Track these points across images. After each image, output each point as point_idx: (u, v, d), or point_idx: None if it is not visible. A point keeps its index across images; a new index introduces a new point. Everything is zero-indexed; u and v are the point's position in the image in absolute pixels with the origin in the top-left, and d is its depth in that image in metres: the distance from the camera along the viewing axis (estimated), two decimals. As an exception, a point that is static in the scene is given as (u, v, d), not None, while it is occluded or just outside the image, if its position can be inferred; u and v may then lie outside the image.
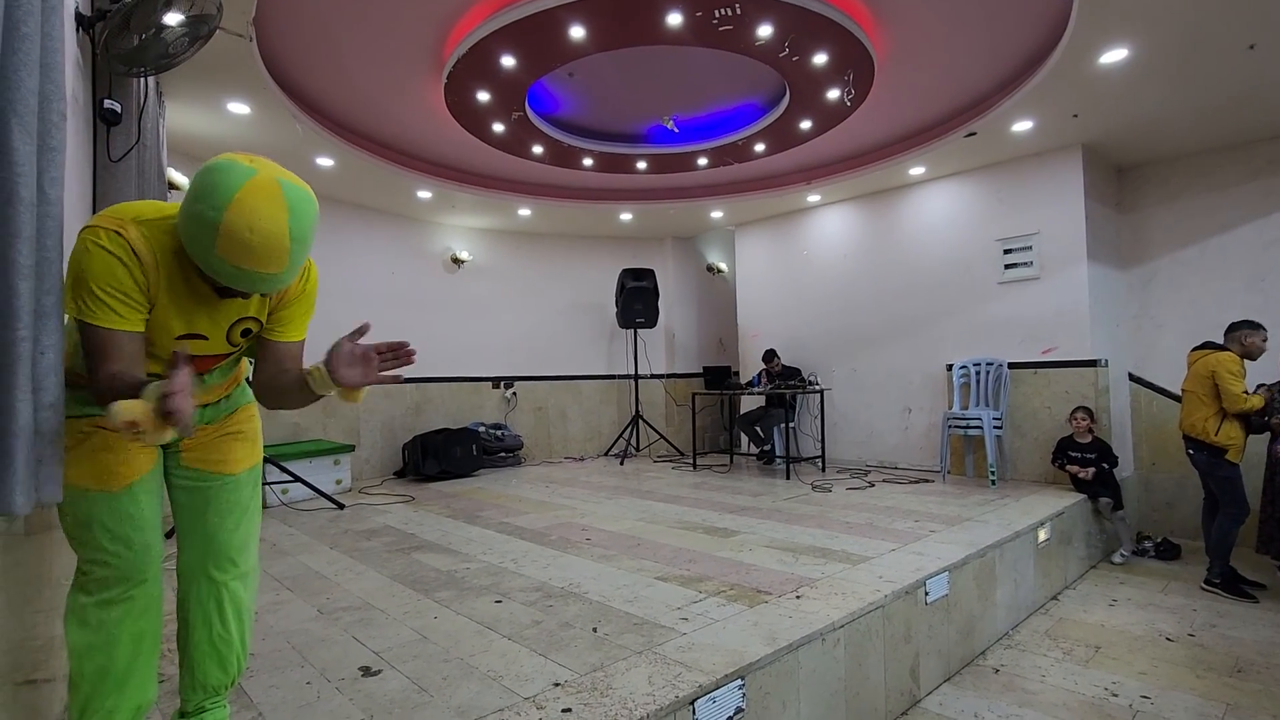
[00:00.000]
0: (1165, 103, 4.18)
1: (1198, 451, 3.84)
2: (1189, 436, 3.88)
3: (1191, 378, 3.89)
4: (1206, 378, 3.76)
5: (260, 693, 1.81)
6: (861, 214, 6.27)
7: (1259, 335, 3.79)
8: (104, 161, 2.33)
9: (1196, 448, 3.84)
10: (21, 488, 1.00)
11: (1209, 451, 3.77)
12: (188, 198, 1.17)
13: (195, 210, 1.15)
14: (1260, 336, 3.79)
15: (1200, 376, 3.81)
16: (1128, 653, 2.98)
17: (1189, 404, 3.89)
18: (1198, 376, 3.83)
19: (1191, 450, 3.89)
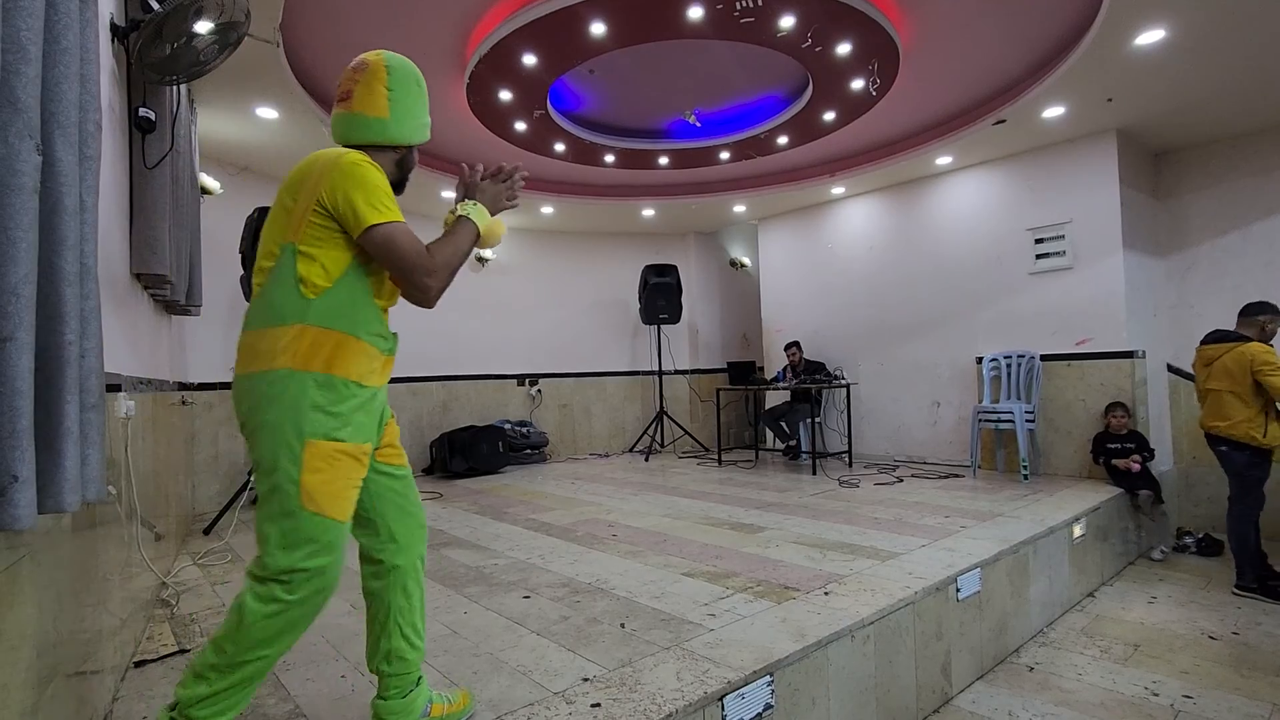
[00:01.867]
0: (1204, 84, 4.04)
1: (1235, 450, 3.56)
2: (1224, 437, 3.60)
3: (1222, 375, 3.57)
4: (1243, 373, 3.48)
5: (297, 685, 1.85)
6: (887, 206, 6.17)
7: (1277, 319, 3.59)
8: (139, 168, 2.39)
9: (1235, 447, 3.57)
10: (69, 486, 1.03)
11: (1252, 452, 3.52)
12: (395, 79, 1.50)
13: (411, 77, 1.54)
14: (1278, 319, 3.59)
15: (1234, 373, 3.51)
16: (1168, 651, 2.90)
17: (1223, 404, 3.57)
18: (1231, 373, 3.53)
19: (1225, 448, 3.61)
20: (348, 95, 1.51)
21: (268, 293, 1.36)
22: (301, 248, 1.36)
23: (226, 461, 4.80)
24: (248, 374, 1.34)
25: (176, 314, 3.53)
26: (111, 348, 1.79)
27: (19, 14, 0.90)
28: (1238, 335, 3.61)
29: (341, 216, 1.36)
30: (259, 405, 1.32)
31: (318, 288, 1.36)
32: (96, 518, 1.69)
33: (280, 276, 1.36)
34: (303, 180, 1.39)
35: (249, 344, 1.36)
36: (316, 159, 1.41)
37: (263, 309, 1.36)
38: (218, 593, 2.73)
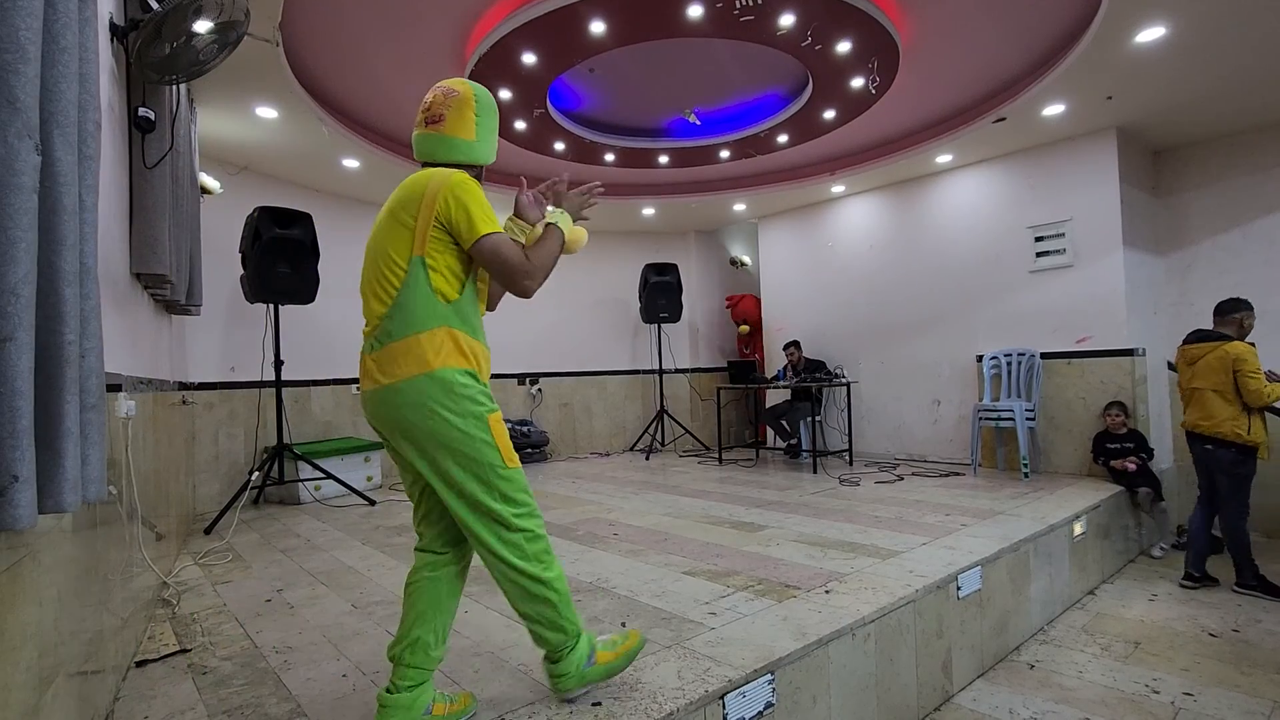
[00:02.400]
0: (1205, 81, 4.03)
1: (1221, 449, 3.58)
2: (1210, 435, 3.61)
3: (1206, 373, 3.59)
4: (1226, 372, 3.51)
5: (298, 685, 1.85)
6: (887, 204, 6.17)
7: (1254, 314, 3.63)
8: (139, 168, 2.39)
9: (1219, 445, 3.58)
10: (70, 486, 1.03)
11: (1237, 450, 3.54)
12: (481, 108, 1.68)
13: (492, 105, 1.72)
14: (1254, 315, 3.62)
15: (1218, 371, 3.54)
16: (1169, 648, 2.91)
17: (1207, 403, 3.59)
18: (1215, 372, 3.55)
19: (1210, 446, 3.62)
20: (440, 119, 1.66)
21: (405, 304, 1.52)
22: (429, 260, 1.53)
23: (227, 461, 4.81)
24: (408, 379, 1.49)
25: (177, 314, 3.53)
26: (112, 347, 1.79)
27: (18, 13, 0.90)
28: (1220, 334, 3.64)
29: (455, 229, 1.54)
30: (424, 407, 1.49)
31: (449, 295, 1.56)
32: (97, 518, 1.69)
33: (415, 288, 1.52)
34: (418, 199, 1.54)
35: (398, 352, 1.51)
36: (427, 179, 1.56)
37: (402, 320, 1.52)
38: (219, 592, 2.73)
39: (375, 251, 1.58)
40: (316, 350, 5.45)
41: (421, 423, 1.49)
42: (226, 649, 2.13)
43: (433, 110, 1.66)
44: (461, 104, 1.66)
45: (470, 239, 1.53)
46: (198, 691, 1.84)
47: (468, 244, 1.54)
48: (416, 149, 1.71)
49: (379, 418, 1.55)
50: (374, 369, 1.53)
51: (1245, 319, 3.61)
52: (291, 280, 4.30)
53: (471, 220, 1.52)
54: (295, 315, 5.01)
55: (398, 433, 1.53)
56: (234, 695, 1.80)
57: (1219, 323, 3.68)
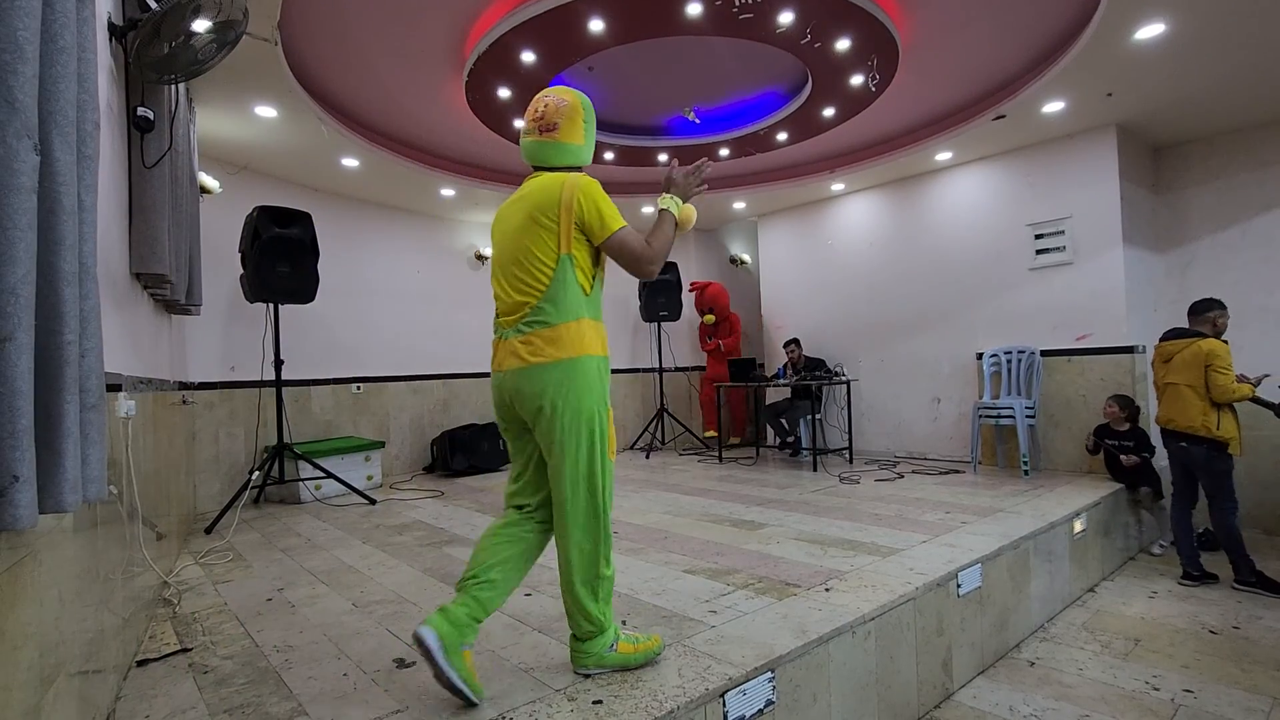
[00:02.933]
0: (1205, 78, 4.03)
1: (1194, 446, 3.63)
2: (1183, 432, 3.66)
3: (1180, 369, 3.64)
4: (1200, 368, 3.55)
5: (299, 684, 1.85)
6: (887, 202, 6.17)
7: (1227, 313, 3.68)
8: (138, 168, 2.39)
9: (1193, 442, 3.63)
10: (70, 486, 1.03)
11: (1209, 446, 3.58)
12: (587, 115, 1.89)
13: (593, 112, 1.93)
14: (1227, 314, 3.68)
15: (1192, 367, 3.59)
16: (1169, 645, 2.91)
17: (1180, 398, 3.64)
18: (1189, 368, 3.60)
19: (1185, 444, 3.67)
20: (554, 127, 1.85)
21: (554, 297, 1.73)
22: (575, 257, 1.75)
23: (227, 461, 4.81)
24: (554, 361, 1.70)
25: (176, 313, 3.53)
26: (111, 347, 1.79)
27: (16, 13, 0.90)
28: (1195, 332, 3.69)
29: (589, 227, 1.75)
30: (567, 385, 1.70)
31: (587, 289, 1.78)
32: (98, 517, 1.69)
33: (563, 282, 1.73)
34: (556, 203, 1.74)
35: (546, 338, 1.71)
36: (559, 184, 1.76)
37: (551, 310, 1.72)
38: (220, 591, 2.73)
39: (516, 251, 1.78)
40: (316, 349, 5.45)
41: (557, 401, 1.69)
42: (227, 648, 2.13)
43: (547, 119, 1.85)
44: (572, 112, 1.87)
45: (602, 235, 1.75)
46: (199, 691, 1.84)
47: (599, 240, 1.76)
48: (529, 154, 1.89)
49: (519, 393, 1.74)
50: (521, 350, 1.73)
51: (1219, 318, 3.66)
52: (291, 279, 4.30)
53: (603, 219, 1.75)
54: (295, 314, 5.01)
55: (531, 409, 1.73)
56: (235, 694, 1.80)
57: (1194, 321, 3.73)
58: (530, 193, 1.80)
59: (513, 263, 1.78)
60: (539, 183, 1.81)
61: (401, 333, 6.10)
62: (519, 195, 1.85)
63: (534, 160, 1.89)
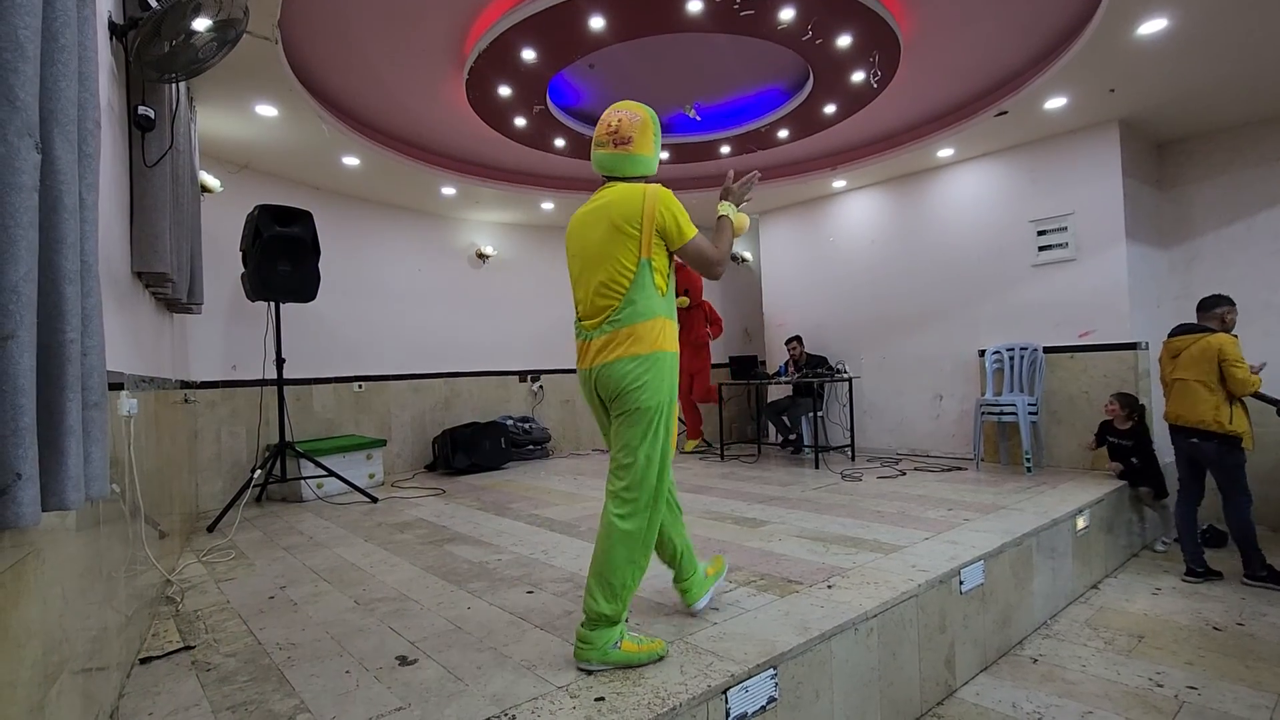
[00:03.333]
0: (1208, 73, 4.01)
1: (1205, 441, 3.61)
2: (1194, 428, 3.63)
3: (1189, 365, 3.63)
4: (1210, 363, 3.54)
5: (301, 681, 1.85)
6: (889, 198, 6.15)
7: (1235, 309, 3.67)
8: (139, 167, 2.39)
9: (1203, 438, 3.61)
10: (72, 484, 1.03)
11: (1219, 441, 3.56)
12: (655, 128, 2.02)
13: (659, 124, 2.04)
14: (1236, 310, 3.66)
15: (1201, 362, 3.57)
16: (1173, 642, 2.90)
17: (1190, 394, 3.62)
18: (1199, 363, 3.58)
19: (1195, 439, 3.65)
20: (628, 140, 1.98)
21: (634, 298, 1.88)
22: (653, 262, 1.90)
23: (229, 459, 4.82)
24: (634, 355, 1.86)
25: (178, 312, 3.53)
26: (113, 346, 1.79)
27: (16, 11, 0.90)
28: (1204, 327, 3.67)
29: (668, 234, 1.91)
30: (645, 376, 1.86)
31: (663, 290, 1.94)
32: (101, 516, 1.70)
33: (643, 284, 1.89)
34: (638, 213, 1.89)
35: (632, 335, 1.87)
36: (639, 194, 1.91)
37: (632, 311, 1.88)
38: (222, 589, 2.74)
39: (600, 258, 1.92)
40: (318, 348, 5.46)
41: (633, 392, 1.85)
42: (230, 646, 2.13)
43: (621, 133, 1.98)
44: (644, 126, 2.00)
45: (680, 242, 1.92)
46: (201, 688, 1.84)
47: (676, 246, 1.93)
48: (603, 165, 2.03)
49: (602, 386, 1.91)
50: (605, 347, 1.89)
51: (1227, 314, 3.65)
52: (292, 278, 4.30)
53: (680, 226, 1.91)
54: (296, 313, 5.02)
55: (610, 397, 1.91)
56: (237, 692, 1.81)
57: (1202, 317, 3.72)
58: (611, 203, 1.94)
59: (597, 269, 1.93)
60: (617, 193, 1.95)
61: (403, 331, 6.11)
62: (597, 205, 1.98)
63: (608, 171, 2.03)
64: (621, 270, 1.89)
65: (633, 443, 1.87)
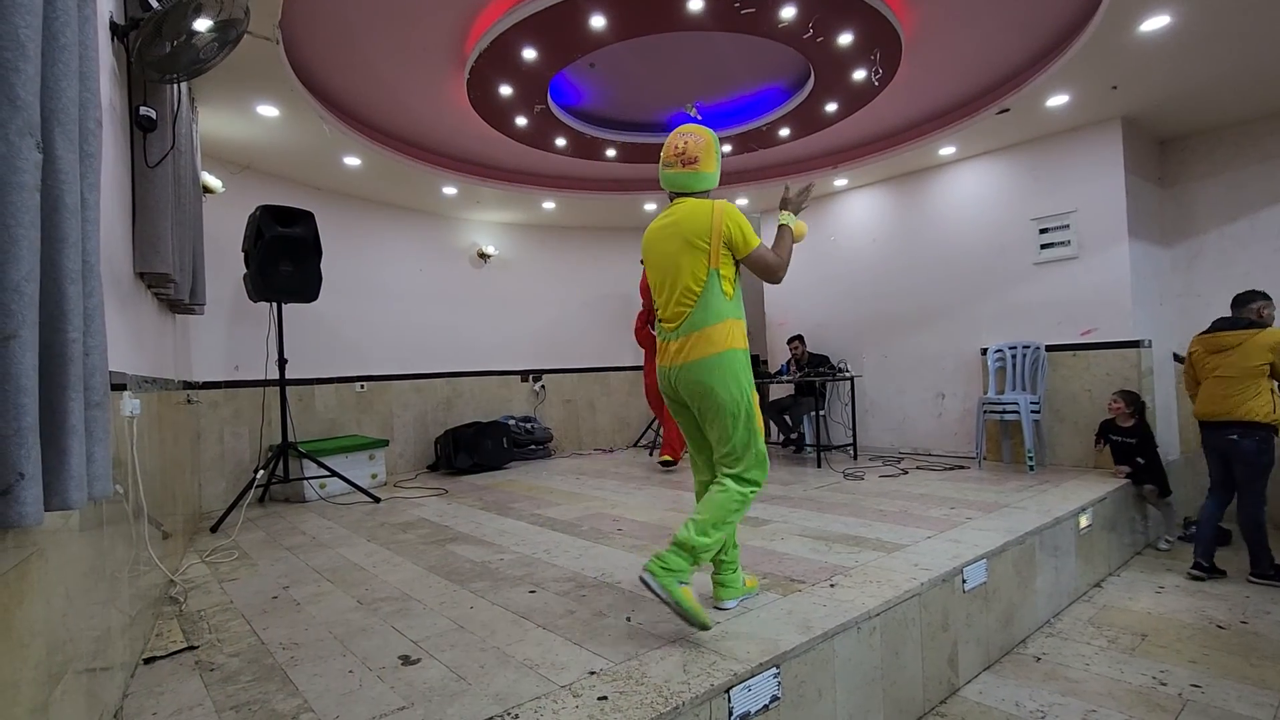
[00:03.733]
0: (1210, 70, 4.00)
1: (1246, 437, 3.54)
2: (1237, 422, 3.57)
3: (1241, 359, 3.56)
4: (1262, 358, 3.49)
5: (305, 681, 1.85)
6: (890, 197, 6.15)
7: (1272, 304, 3.63)
8: (141, 167, 2.39)
9: (1245, 431, 3.54)
10: (75, 484, 1.03)
11: (1261, 439, 3.51)
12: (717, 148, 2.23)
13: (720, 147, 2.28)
14: (1273, 305, 3.63)
15: (1255, 357, 3.51)
16: (1176, 640, 2.90)
17: (1239, 389, 3.56)
18: (1251, 357, 3.52)
19: (1235, 436, 3.58)
20: (695, 160, 2.20)
21: (707, 304, 2.11)
22: (721, 271, 2.12)
23: (232, 459, 4.82)
24: (710, 355, 2.09)
25: (180, 313, 3.54)
26: (116, 347, 1.79)
27: (17, 11, 0.90)
28: (1248, 321, 3.62)
29: (734, 245, 2.13)
30: (724, 373, 2.09)
31: (730, 294, 2.15)
32: (104, 516, 1.70)
33: (713, 292, 2.12)
34: (707, 228, 2.12)
35: (701, 338, 2.10)
36: (708, 211, 2.13)
37: (704, 315, 2.11)
38: (225, 590, 2.74)
39: (675, 269, 2.16)
40: (320, 348, 5.46)
41: (712, 386, 2.08)
42: (233, 646, 2.14)
43: (688, 154, 2.20)
44: (708, 147, 2.21)
45: (745, 251, 2.15)
46: (205, 688, 1.84)
47: (741, 255, 2.15)
48: (672, 183, 2.25)
49: (681, 383, 2.15)
50: (684, 349, 2.12)
51: (1264, 308, 3.62)
52: (294, 279, 4.30)
53: (745, 238, 2.13)
54: (298, 314, 5.02)
55: (695, 393, 2.13)
56: (241, 691, 1.81)
57: (1240, 311, 3.67)
58: (681, 219, 2.17)
59: (672, 279, 2.18)
60: (686, 209, 2.18)
61: (404, 331, 6.11)
62: (669, 220, 2.21)
63: (676, 188, 2.25)
64: (694, 280, 2.13)
65: (727, 433, 2.12)
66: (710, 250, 2.12)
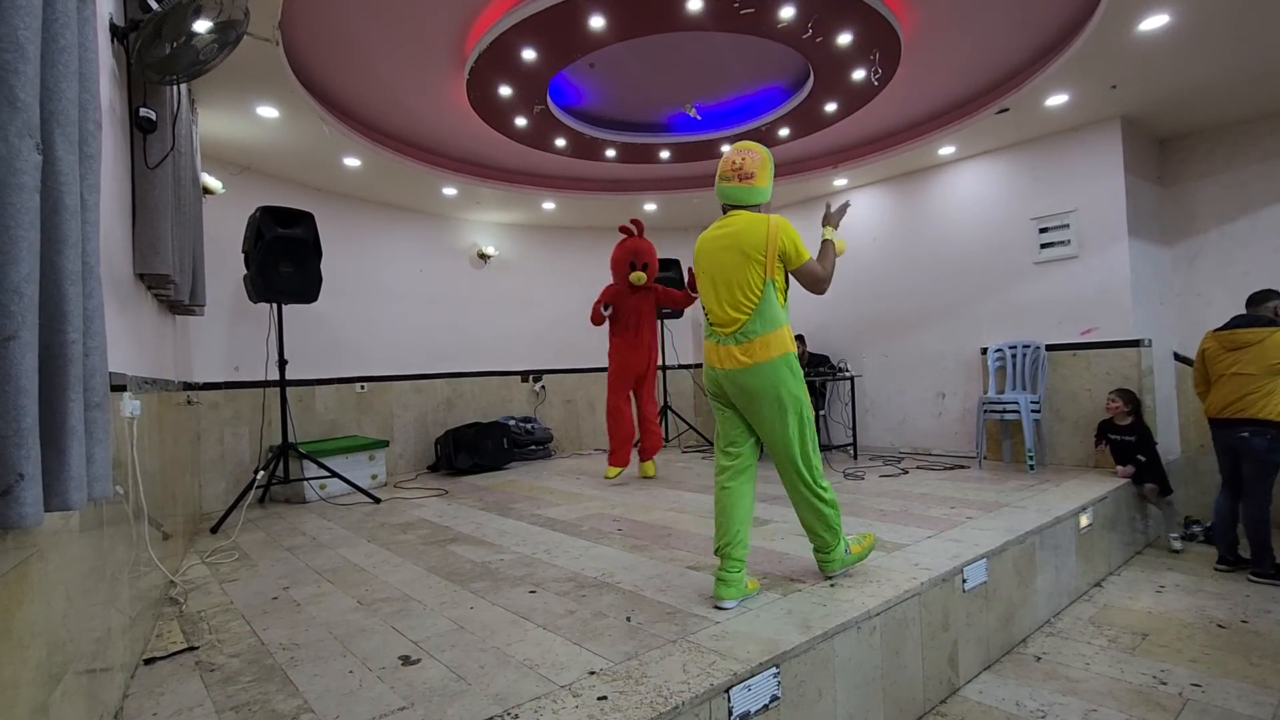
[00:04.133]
0: (1210, 69, 4.00)
1: (1258, 435, 3.55)
2: (1251, 420, 3.57)
3: (1261, 357, 3.55)
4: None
5: (305, 681, 1.86)
6: (890, 197, 6.15)
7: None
8: (141, 169, 2.40)
9: (1257, 429, 3.55)
10: (75, 484, 1.03)
11: (1275, 433, 3.52)
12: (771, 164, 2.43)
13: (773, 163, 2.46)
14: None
15: (1274, 353, 3.50)
16: (1177, 640, 2.90)
17: (1255, 384, 3.56)
18: (1270, 353, 3.52)
19: (1247, 433, 3.59)
20: (752, 175, 2.38)
21: (762, 312, 2.30)
22: (775, 281, 2.32)
23: (232, 460, 4.83)
24: (773, 358, 2.28)
25: (180, 314, 3.54)
26: (116, 348, 1.79)
27: (16, 12, 0.90)
28: (1267, 319, 3.64)
29: (787, 257, 2.33)
30: (781, 376, 2.28)
31: (782, 301, 2.35)
32: (104, 517, 1.70)
33: (768, 301, 2.30)
34: (763, 242, 2.30)
35: (758, 344, 2.28)
36: (764, 225, 2.32)
37: (759, 322, 2.29)
38: (226, 590, 2.75)
39: (732, 280, 2.33)
40: (320, 349, 5.47)
41: (773, 388, 2.27)
42: (234, 646, 2.14)
43: (745, 169, 2.38)
44: (763, 163, 2.40)
45: (797, 264, 2.34)
46: (205, 689, 1.85)
47: (794, 267, 2.34)
48: (728, 196, 2.42)
49: (738, 385, 2.32)
50: (738, 354, 2.31)
51: (1278, 307, 3.63)
52: (294, 280, 4.30)
53: (798, 251, 2.33)
54: (298, 315, 5.02)
55: (751, 395, 2.30)
56: (241, 692, 1.81)
57: (1254, 310, 3.69)
58: (739, 231, 2.34)
59: (727, 288, 2.35)
60: (744, 223, 2.34)
61: (404, 332, 6.12)
62: (725, 231, 2.38)
63: (732, 201, 2.42)
64: (752, 289, 2.30)
65: (788, 429, 2.30)
66: (766, 262, 2.29)
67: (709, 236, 2.43)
